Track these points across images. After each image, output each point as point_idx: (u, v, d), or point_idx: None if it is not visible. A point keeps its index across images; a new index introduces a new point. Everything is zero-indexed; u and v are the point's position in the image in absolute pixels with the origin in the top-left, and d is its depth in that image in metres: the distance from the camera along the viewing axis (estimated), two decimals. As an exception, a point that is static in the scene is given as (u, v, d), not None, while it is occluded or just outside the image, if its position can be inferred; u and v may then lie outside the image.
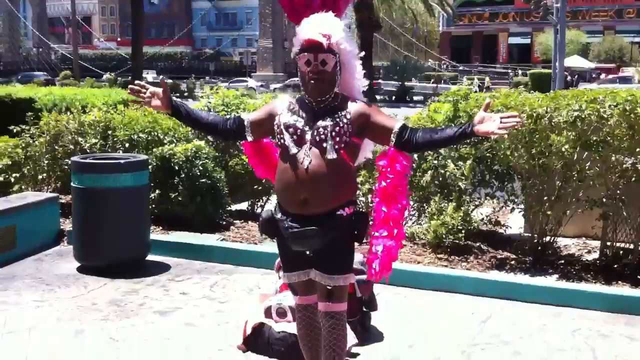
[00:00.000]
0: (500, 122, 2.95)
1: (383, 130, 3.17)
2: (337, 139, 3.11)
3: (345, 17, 3.66)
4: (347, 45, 3.21)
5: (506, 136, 5.84)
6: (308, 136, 3.15)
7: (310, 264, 3.26)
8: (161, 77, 3.41)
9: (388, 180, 3.22)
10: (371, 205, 3.43)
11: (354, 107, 3.19)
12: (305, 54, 3.15)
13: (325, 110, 3.18)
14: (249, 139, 3.40)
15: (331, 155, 3.11)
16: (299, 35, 3.20)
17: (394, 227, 3.23)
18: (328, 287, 3.22)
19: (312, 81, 3.15)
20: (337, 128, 3.12)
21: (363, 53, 3.36)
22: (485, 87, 40.49)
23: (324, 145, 3.11)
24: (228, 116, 3.53)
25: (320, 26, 3.17)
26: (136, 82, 3.33)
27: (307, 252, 3.22)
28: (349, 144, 3.15)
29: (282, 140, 3.20)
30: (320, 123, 3.15)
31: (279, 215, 3.26)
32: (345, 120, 3.14)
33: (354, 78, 3.31)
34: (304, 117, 3.20)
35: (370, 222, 3.29)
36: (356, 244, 3.32)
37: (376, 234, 3.24)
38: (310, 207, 3.13)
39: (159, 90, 3.30)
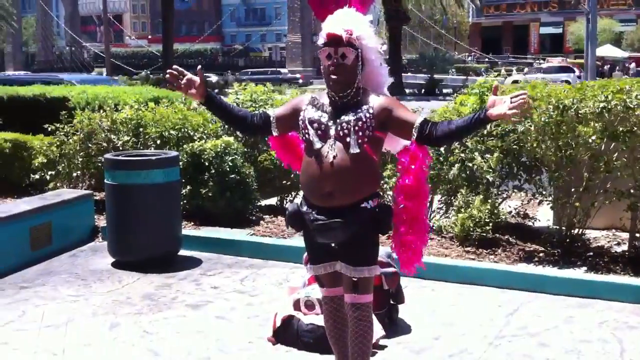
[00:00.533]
0: (510, 102, 2.97)
1: (404, 125, 3.22)
2: (360, 133, 3.18)
3: (373, 10, 3.71)
4: (370, 41, 3.26)
5: (533, 128, 5.86)
6: (332, 131, 3.22)
7: (335, 256, 3.33)
8: (199, 66, 3.46)
9: (410, 176, 3.28)
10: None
11: (376, 102, 3.25)
12: (326, 47, 3.23)
13: (348, 105, 3.25)
14: (275, 133, 3.48)
15: (354, 150, 3.18)
16: (323, 30, 3.28)
17: (418, 222, 3.30)
18: (353, 278, 3.29)
19: (332, 75, 3.21)
20: (360, 122, 3.19)
21: (386, 47, 3.42)
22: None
23: (348, 139, 3.18)
24: (255, 112, 3.59)
25: (342, 21, 3.24)
26: (175, 67, 3.40)
27: (333, 245, 3.29)
28: (372, 138, 3.22)
29: (306, 135, 3.28)
30: (344, 118, 3.22)
31: (304, 208, 3.34)
32: (368, 115, 3.20)
33: (378, 73, 3.37)
34: (328, 112, 3.28)
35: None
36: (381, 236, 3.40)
37: (400, 229, 3.32)
38: (335, 200, 3.20)
39: (196, 78, 3.35)
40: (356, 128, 3.18)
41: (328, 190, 3.19)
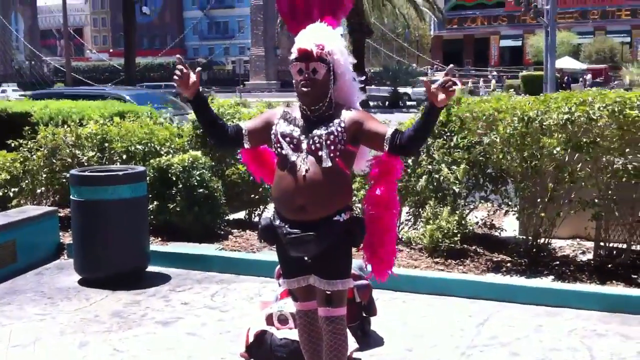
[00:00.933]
0: (443, 86, 3.04)
1: (376, 137, 3.24)
2: (332, 147, 3.20)
3: (343, 23, 3.73)
4: (342, 56, 3.30)
5: (498, 139, 5.95)
6: (304, 145, 3.24)
7: (309, 269, 3.34)
8: (198, 68, 3.45)
9: (381, 187, 3.31)
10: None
11: (347, 115, 3.27)
12: (298, 62, 3.25)
13: (320, 119, 3.28)
14: (246, 146, 3.48)
15: (326, 164, 3.20)
16: (294, 45, 3.31)
17: (389, 232, 3.34)
18: (327, 292, 3.30)
19: (304, 89, 3.24)
20: (332, 136, 3.21)
21: (355, 61, 3.45)
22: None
23: (320, 153, 3.20)
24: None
25: (314, 36, 3.28)
26: (181, 60, 3.35)
27: (306, 258, 3.30)
28: (344, 151, 3.24)
29: (279, 149, 3.29)
30: (316, 132, 3.24)
31: (277, 222, 3.35)
32: (339, 129, 3.23)
33: (349, 88, 3.40)
34: (300, 125, 3.30)
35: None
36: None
37: (372, 240, 3.35)
38: (307, 214, 3.22)
39: (194, 76, 3.32)
40: (328, 142, 3.20)
41: (300, 204, 3.20)
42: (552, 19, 27.96)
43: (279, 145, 3.29)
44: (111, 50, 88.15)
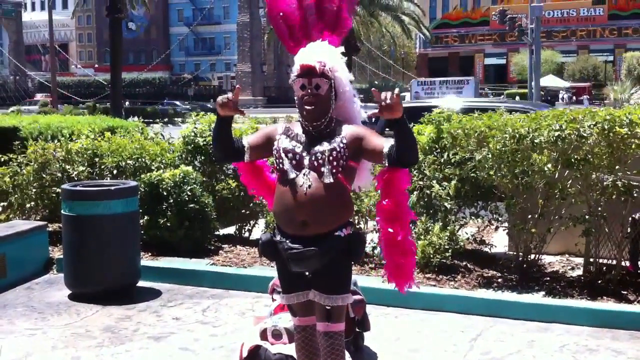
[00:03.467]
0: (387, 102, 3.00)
1: (376, 152, 3.25)
2: (335, 163, 3.22)
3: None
4: (343, 73, 3.33)
5: (489, 156, 6.00)
6: (306, 161, 3.26)
7: (309, 285, 3.35)
8: (237, 86, 3.47)
9: (389, 199, 3.32)
10: (372, 224, 3.54)
11: (348, 131, 3.30)
12: (300, 78, 3.28)
13: (322, 135, 3.30)
14: (246, 159, 3.49)
15: (328, 180, 3.22)
16: (296, 62, 3.34)
17: (403, 244, 3.33)
18: (327, 307, 3.30)
19: (307, 105, 3.27)
20: (334, 153, 3.23)
21: (353, 78, 3.48)
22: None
23: (322, 169, 3.22)
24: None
25: (315, 53, 3.31)
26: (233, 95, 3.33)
27: (307, 273, 3.31)
28: (346, 167, 3.26)
29: (281, 165, 3.30)
30: (318, 148, 3.26)
31: (278, 237, 3.36)
32: (341, 145, 3.25)
33: (351, 105, 3.44)
34: (302, 142, 3.32)
35: (371, 240, 3.39)
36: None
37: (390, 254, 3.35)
38: (309, 229, 3.23)
39: (235, 104, 3.32)
40: (330, 158, 3.22)
41: (302, 219, 3.22)
42: (537, 38, 28.29)
43: (280, 161, 3.30)
44: (96, 66, 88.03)
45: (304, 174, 3.24)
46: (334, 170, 3.22)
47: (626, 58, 52.68)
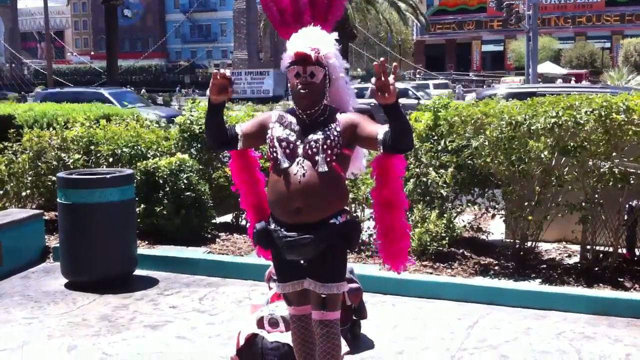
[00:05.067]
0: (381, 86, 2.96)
1: (370, 139, 3.21)
2: (329, 151, 3.20)
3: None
4: (336, 59, 3.30)
5: (486, 143, 5.98)
6: (300, 150, 3.24)
7: (304, 273, 3.34)
8: (228, 62, 3.42)
9: (384, 186, 3.32)
10: (369, 212, 3.54)
11: (342, 119, 3.27)
12: (295, 66, 3.25)
13: (316, 123, 3.28)
14: (239, 147, 3.46)
15: (323, 168, 3.20)
16: (289, 49, 3.30)
17: (398, 228, 3.36)
18: (322, 295, 3.29)
19: (302, 92, 3.24)
20: (328, 141, 3.21)
21: (348, 65, 3.45)
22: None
23: (316, 158, 3.20)
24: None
25: (309, 40, 3.27)
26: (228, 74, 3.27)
27: (302, 262, 3.30)
28: (340, 155, 3.24)
29: (274, 154, 3.28)
30: (312, 137, 3.23)
31: (272, 226, 3.34)
32: (335, 133, 3.23)
33: (344, 91, 3.40)
34: (296, 130, 3.29)
35: (368, 228, 3.40)
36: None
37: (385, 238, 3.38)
38: (303, 216, 3.21)
39: (229, 89, 3.27)
40: (324, 147, 3.20)
41: (297, 207, 3.20)
42: (534, 24, 28.21)
43: (274, 149, 3.28)
44: (92, 53, 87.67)
45: (297, 163, 3.22)
46: (328, 159, 3.20)
47: (624, 45, 52.54)
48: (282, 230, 3.27)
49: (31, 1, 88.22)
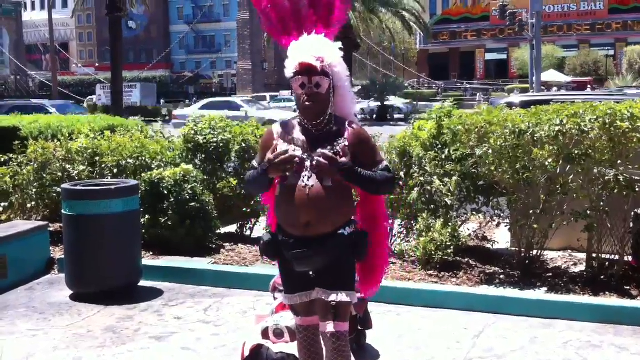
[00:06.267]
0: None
1: (370, 165, 3.28)
2: None
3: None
4: (341, 68, 3.28)
5: (490, 152, 5.97)
6: (307, 163, 3.21)
7: (312, 285, 3.33)
8: (296, 159, 3.37)
9: (368, 202, 3.42)
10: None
11: (351, 135, 3.26)
12: (300, 77, 3.21)
13: (322, 135, 3.25)
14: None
15: (330, 182, 3.20)
16: (293, 59, 3.24)
17: (378, 246, 3.41)
18: (332, 303, 3.25)
19: (307, 103, 3.21)
20: (337, 156, 3.18)
21: (348, 73, 3.43)
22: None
23: None
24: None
25: (313, 49, 3.22)
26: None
27: (311, 273, 3.29)
28: None
29: None
30: (319, 151, 3.18)
31: (280, 238, 3.33)
32: (342, 147, 3.22)
33: (347, 100, 3.38)
34: (302, 144, 3.26)
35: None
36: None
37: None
38: (313, 229, 3.20)
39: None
40: None
41: (306, 220, 3.19)
42: (537, 33, 28.23)
43: None
44: (97, 65, 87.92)
45: (305, 177, 3.20)
46: None
47: (627, 52, 52.54)
48: (291, 242, 3.26)
49: (36, 13, 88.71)
